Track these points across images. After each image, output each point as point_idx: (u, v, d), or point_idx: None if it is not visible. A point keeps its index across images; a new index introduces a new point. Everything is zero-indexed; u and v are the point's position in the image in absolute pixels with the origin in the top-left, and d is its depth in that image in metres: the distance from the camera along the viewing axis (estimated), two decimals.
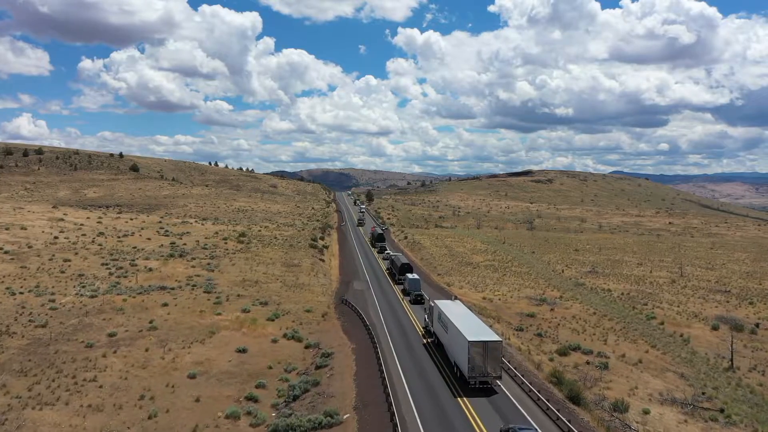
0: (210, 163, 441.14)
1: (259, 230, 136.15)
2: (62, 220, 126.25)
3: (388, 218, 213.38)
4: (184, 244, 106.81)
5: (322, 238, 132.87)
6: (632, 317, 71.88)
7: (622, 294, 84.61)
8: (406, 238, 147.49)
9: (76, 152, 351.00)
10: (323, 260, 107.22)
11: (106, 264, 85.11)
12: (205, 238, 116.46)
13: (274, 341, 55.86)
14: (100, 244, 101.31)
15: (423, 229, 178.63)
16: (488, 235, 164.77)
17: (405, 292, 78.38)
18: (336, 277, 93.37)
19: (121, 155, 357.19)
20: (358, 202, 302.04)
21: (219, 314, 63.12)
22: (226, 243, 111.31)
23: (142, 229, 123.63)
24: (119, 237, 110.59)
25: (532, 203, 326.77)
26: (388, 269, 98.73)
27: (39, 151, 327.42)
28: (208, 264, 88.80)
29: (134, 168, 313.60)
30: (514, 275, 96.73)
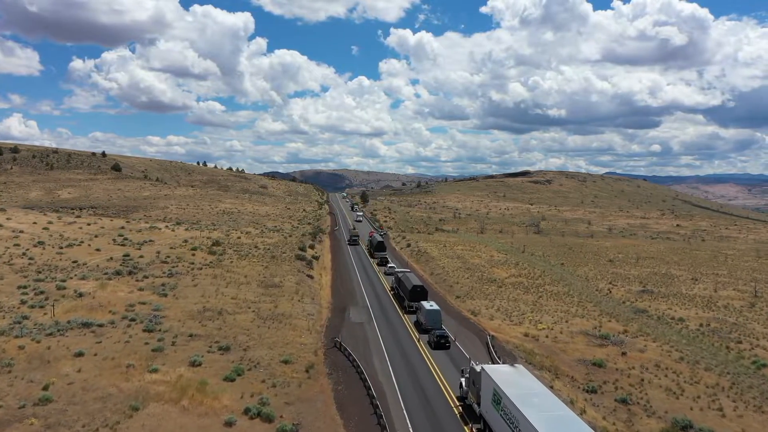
0: (198, 163, 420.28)
1: (239, 237, 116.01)
2: (1, 226, 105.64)
3: (386, 221, 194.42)
4: (141, 256, 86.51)
5: (312, 247, 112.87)
6: (733, 364, 52.45)
7: (701, 325, 65.06)
8: (409, 246, 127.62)
9: (55, 151, 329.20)
10: (312, 276, 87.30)
11: (25, 286, 64.66)
12: (170, 248, 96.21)
13: (229, 423, 35.90)
14: (31, 258, 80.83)
15: (425, 234, 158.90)
16: (502, 242, 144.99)
17: (419, 327, 58.73)
18: (327, 301, 73.31)
19: (103, 154, 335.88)
20: (356, 206, 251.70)
21: (154, 371, 42.99)
22: (193, 254, 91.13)
23: (96, 236, 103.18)
24: (61, 247, 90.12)
25: (531, 204, 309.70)
26: (393, 290, 78.93)
27: (14, 149, 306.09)
28: (162, 286, 68.53)
29: (116, 167, 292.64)
30: (552, 297, 76.94)
